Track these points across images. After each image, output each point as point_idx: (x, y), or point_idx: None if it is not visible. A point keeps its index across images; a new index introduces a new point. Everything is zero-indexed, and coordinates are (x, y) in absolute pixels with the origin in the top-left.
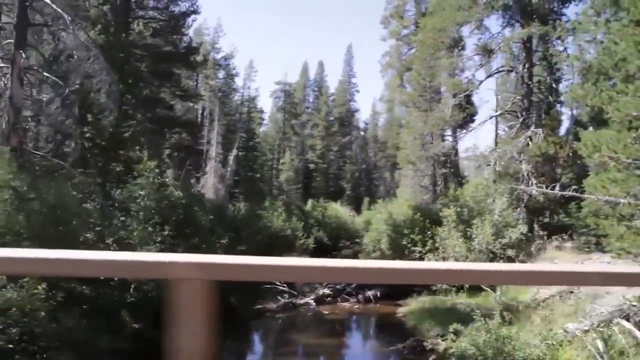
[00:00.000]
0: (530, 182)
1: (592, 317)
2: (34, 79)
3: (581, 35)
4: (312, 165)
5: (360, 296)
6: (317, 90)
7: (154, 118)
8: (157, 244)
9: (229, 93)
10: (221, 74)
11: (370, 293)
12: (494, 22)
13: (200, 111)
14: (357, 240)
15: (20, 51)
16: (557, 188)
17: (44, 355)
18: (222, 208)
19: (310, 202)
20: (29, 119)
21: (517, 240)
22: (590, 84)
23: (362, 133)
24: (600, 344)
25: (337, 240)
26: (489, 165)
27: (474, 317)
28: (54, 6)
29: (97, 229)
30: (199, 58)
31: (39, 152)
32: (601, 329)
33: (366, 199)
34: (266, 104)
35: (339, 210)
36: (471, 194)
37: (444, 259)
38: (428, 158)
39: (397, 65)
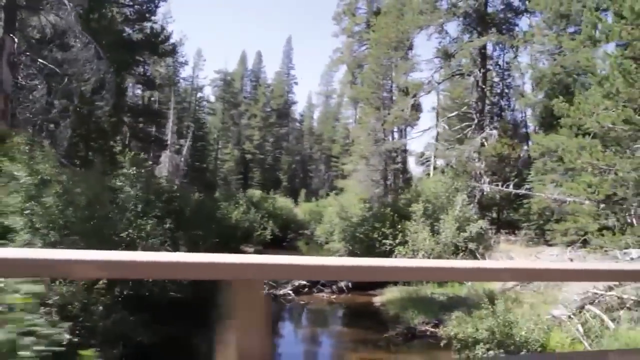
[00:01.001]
0: (483, 180)
1: (570, 304)
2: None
3: (534, 46)
4: (249, 156)
5: (333, 287)
6: (255, 80)
7: (119, 106)
8: (160, 237)
9: (177, 81)
10: (169, 61)
11: (342, 284)
12: (452, 27)
13: (155, 99)
14: (304, 231)
15: (11, 35)
16: (512, 186)
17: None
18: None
19: (258, 193)
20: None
21: (477, 235)
22: (542, 91)
23: (297, 125)
24: (580, 328)
25: (286, 232)
26: (426, 163)
27: (457, 305)
28: None
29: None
30: (168, 47)
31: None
32: (575, 315)
33: (302, 191)
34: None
35: (286, 202)
36: (432, 189)
37: (413, 252)
38: (380, 154)
39: (349, 61)
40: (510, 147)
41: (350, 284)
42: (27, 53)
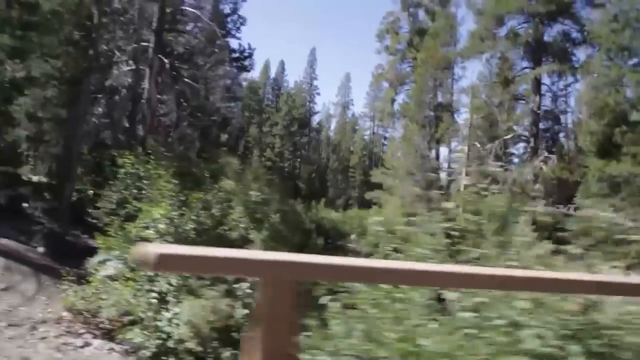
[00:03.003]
0: (538, 201)
1: None
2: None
3: (595, 76)
4: (269, 163)
5: None
6: (277, 89)
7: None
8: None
9: None
10: None
11: None
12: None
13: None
14: (343, 241)
15: (159, 55)
16: (572, 209)
17: None
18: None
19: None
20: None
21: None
22: (604, 120)
23: (314, 134)
24: None
25: (327, 241)
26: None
27: None
28: (196, 12)
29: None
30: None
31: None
32: None
33: (322, 200)
34: None
35: (328, 211)
36: (489, 210)
37: None
38: (425, 170)
39: (392, 78)
40: (569, 171)
41: None
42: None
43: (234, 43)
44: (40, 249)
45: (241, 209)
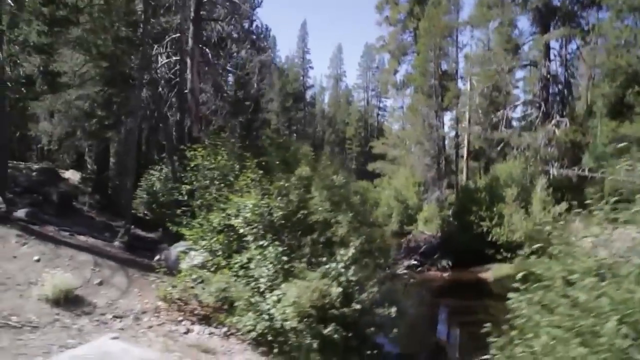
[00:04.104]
0: (552, 164)
1: None
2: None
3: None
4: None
5: (438, 265)
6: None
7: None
8: None
9: None
10: None
11: (443, 262)
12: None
13: None
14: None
15: (200, 46)
16: (587, 170)
17: None
18: None
19: None
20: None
21: (561, 215)
22: (614, 83)
23: (310, 108)
24: None
25: None
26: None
27: None
28: None
29: None
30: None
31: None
32: None
33: None
34: None
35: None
36: (509, 175)
37: (511, 232)
38: (434, 139)
39: (393, 49)
40: (582, 133)
41: (450, 263)
42: (216, 61)
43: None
44: (116, 243)
45: (323, 193)
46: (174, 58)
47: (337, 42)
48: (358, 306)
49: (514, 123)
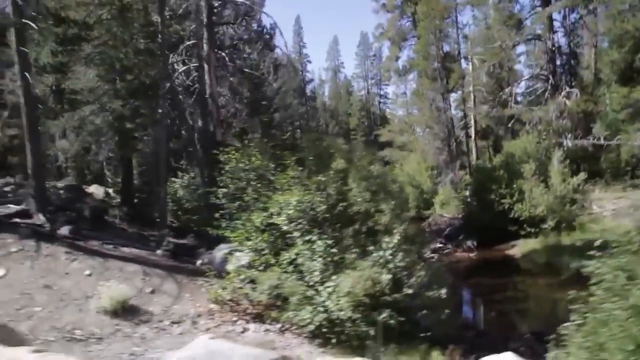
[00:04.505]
0: (566, 136)
1: None
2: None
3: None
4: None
5: (464, 246)
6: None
7: None
8: None
9: None
10: None
11: (468, 243)
12: None
13: None
14: None
15: (215, 50)
16: (602, 140)
17: None
18: None
19: None
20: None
21: (579, 186)
22: (623, 49)
23: (311, 102)
24: None
25: None
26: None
27: None
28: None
29: None
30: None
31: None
32: None
33: None
34: None
35: None
36: (523, 150)
37: (533, 207)
38: (443, 122)
39: (393, 36)
40: (593, 102)
41: (474, 243)
42: (231, 64)
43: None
44: (159, 252)
45: (362, 184)
46: (192, 65)
47: (333, 34)
48: (410, 291)
49: (519, 98)
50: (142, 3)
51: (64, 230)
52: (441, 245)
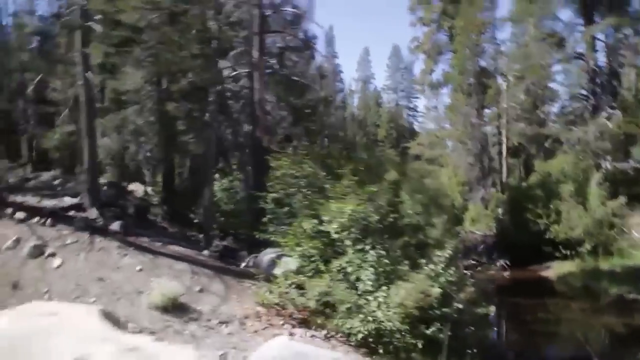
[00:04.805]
0: (605, 158)
1: None
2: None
3: None
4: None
5: (497, 264)
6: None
7: None
8: None
9: None
10: None
11: (501, 261)
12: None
13: None
14: None
15: (264, 57)
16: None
17: None
18: None
19: None
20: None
21: (618, 209)
22: None
23: (341, 111)
24: None
25: None
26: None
27: None
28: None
29: None
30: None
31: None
32: None
33: None
34: None
35: None
36: (560, 170)
37: (570, 229)
38: (476, 138)
39: (429, 49)
40: (636, 124)
41: (507, 262)
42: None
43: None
44: (206, 252)
45: (415, 197)
46: (244, 70)
47: (364, 44)
48: (460, 306)
49: (552, 117)
50: (199, 9)
51: (115, 226)
52: (474, 262)
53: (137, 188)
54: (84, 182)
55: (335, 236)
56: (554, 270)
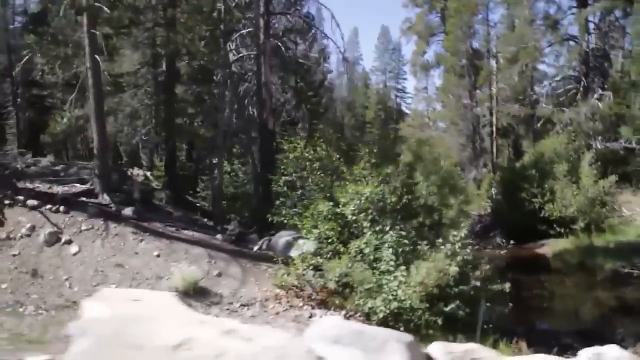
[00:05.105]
0: (596, 138)
1: None
2: None
3: None
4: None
5: (493, 243)
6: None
7: None
8: None
9: None
10: None
11: (498, 240)
12: None
13: None
14: None
15: (270, 39)
16: (634, 143)
17: None
18: None
19: None
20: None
21: (609, 188)
22: None
23: (330, 93)
24: None
25: None
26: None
27: None
28: None
29: None
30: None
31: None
32: None
33: None
34: None
35: None
36: (553, 150)
37: (564, 207)
38: (468, 119)
39: (421, 31)
40: (626, 106)
41: (504, 240)
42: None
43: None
44: (219, 236)
45: (430, 179)
46: (249, 53)
47: (353, 26)
48: (477, 283)
49: (541, 98)
50: None
51: (128, 211)
52: (471, 241)
53: (136, 172)
54: (92, 168)
55: (352, 218)
56: (550, 247)
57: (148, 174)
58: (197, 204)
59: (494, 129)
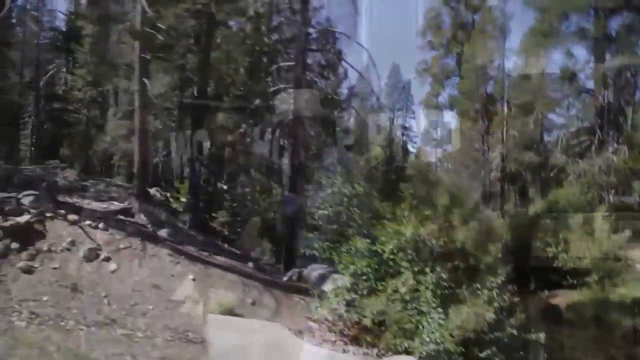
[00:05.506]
0: (609, 191)
1: None
2: None
3: None
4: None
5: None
6: None
7: None
8: None
9: None
10: None
11: (509, 287)
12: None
13: None
14: None
15: (306, 73)
16: None
17: None
18: None
19: None
20: None
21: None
22: None
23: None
24: None
25: None
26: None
27: None
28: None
29: None
30: None
31: None
32: None
33: None
34: None
35: None
36: (568, 201)
37: (579, 258)
38: (480, 162)
39: (437, 73)
40: None
41: (515, 288)
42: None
43: None
44: (250, 264)
45: (472, 224)
46: (288, 86)
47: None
48: (514, 331)
49: (549, 147)
50: (256, 25)
51: (163, 233)
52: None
53: (152, 192)
54: (131, 187)
55: (390, 257)
56: (563, 298)
57: (167, 195)
58: (217, 229)
59: (504, 174)
